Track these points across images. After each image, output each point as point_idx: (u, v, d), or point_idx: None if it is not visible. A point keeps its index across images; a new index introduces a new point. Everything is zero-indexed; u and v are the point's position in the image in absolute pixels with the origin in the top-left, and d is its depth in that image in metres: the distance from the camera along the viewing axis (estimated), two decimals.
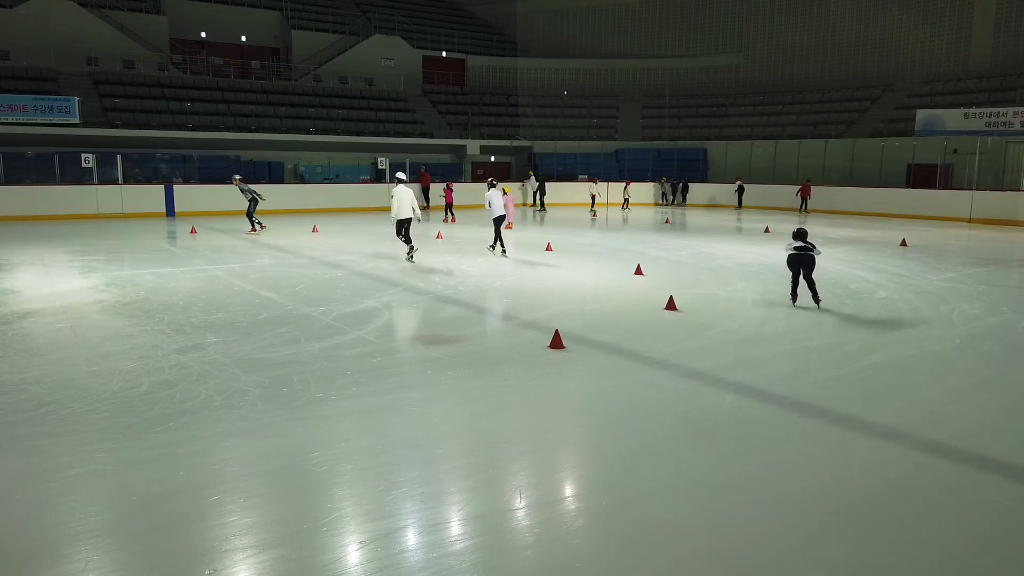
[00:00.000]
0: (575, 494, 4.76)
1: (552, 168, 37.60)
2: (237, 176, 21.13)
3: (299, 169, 32.78)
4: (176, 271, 13.47)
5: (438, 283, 12.42)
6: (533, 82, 42.49)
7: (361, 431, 5.75)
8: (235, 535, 4.14)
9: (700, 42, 42.88)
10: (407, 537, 4.16)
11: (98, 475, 4.92)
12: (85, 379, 6.90)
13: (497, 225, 16.26)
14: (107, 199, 24.90)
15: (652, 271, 13.86)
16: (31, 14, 30.63)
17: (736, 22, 41.96)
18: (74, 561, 3.85)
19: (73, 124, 27.43)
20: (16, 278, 12.56)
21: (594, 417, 6.20)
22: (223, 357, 7.68)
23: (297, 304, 10.52)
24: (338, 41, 38.88)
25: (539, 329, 9.10)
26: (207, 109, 31.92)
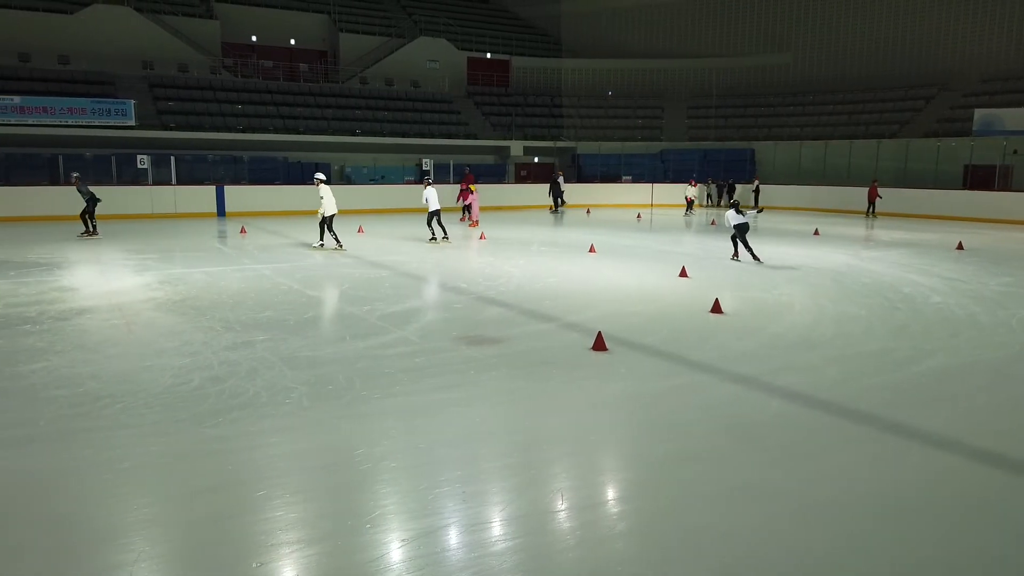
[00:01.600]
0: (617, 497, 4.72)
1: (596, 169, 37.44)
2: (75, 175, 20.50)
3: (345, 170, 33.24)
4: (226, 270, 13.78)
5: (480, 284, 12.46)
6: (577, 83, 42.38)
7: (403, 430, 5.80)
8: (281, 529, 4.22)
9: (748, 41, 42.25)
10: (449, 536, 4.18)
11: (150, 468, 5.05)
12: (139, 374, 7.10)
13: (430, 218, 18.41)
14: (161, 199, 25.61)
15: (697, 273, 13.70)
16: (90, 20, 31.68)
17: (786, 20, 41.23)
18: (128, 551, 3.96)
19: (129, 126, 28.29)
20: (74, 275, 12.99)
21: (637, 420, 6.14)
22: (271, 355, 7.83)
23: (342, 303, 10.67)
24: (384, 43, 39.34)
25: (582, 331, 9.06)
26: (257, 111, 32.60)
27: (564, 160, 38.79)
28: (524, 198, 33.02)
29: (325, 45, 39.10)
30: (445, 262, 15.09)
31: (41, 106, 27.10)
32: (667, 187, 35.27)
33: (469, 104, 38.96)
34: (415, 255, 16.29)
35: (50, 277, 12.75)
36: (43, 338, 8.47)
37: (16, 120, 26.68)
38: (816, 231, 22.25)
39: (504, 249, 17.49)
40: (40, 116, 26.98)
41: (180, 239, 19.13)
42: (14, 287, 11.73)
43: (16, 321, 9.34)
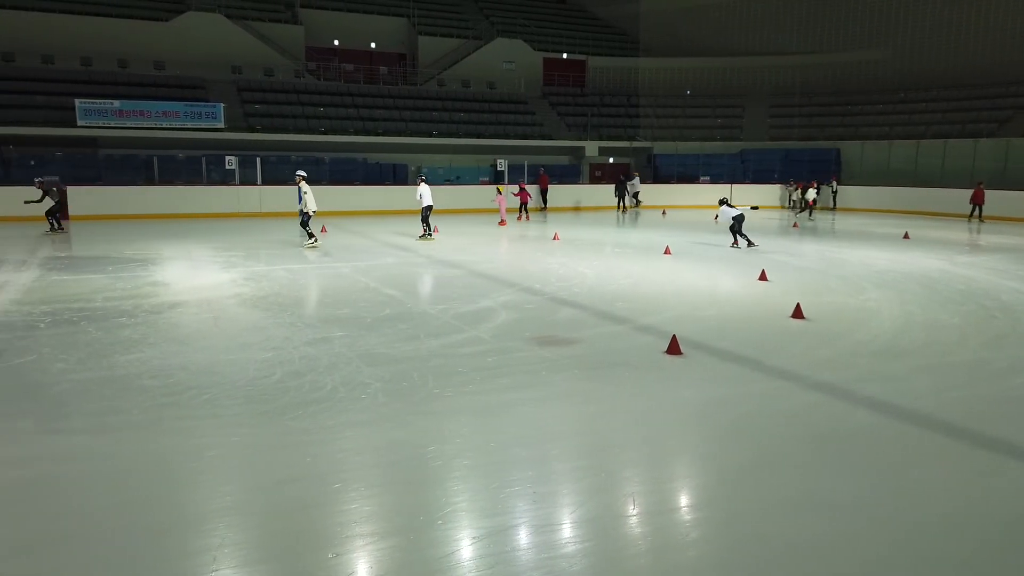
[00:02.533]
0: (690, 504, 4.63)
1: (672, 169, 36.86)
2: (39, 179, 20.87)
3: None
4: (307, 268, 14.20)
5: (553, 284, 12.44)
6: (655, 82, 41.80)
7: (475, 428, 5.85)
8: (355, 522, 4.31)
9: (835, 37, 40.74)
10: (519, 536, 4.18)
11: (233, 457, 5.25)
12: (224, 367, 7.39)
13: (425, 214, 19.35)
14: (247, 198, 26.61)
15: (777, 277, 13.31)
16: (184, 27, 33.19)
17: (875, 14, 39.57)
18: (211, 536, 4.13)
19: (218, 129, 29.52)
20: (167, 271, 13.64)
21: (712, 426, 6.01)
22: (348, 351, 8.02)
23: (417, 302, 10.84)
24: (461, 45, 39.77)
25: (655, 333, 8.93)
26: (338, 113, 33.48)
27: (640, 161, 38.34)
28: (598, 199, 32.81)
29: (404, 48, 39.83)
30: (518, 262, 15.14)
31: (138, 109, 28.57)
32: (747, 188, 34.41)
33: (544, 105, 38.97)
34: (489, 255, 16.40)
35: (144, 272, 13.42)
36: (137, 330, 8.92)
37: (115, 123, 28.21)
38: (906, 234, 21.28)
39: (578, 250, 17.41)
40: (137, 119, 28.45)
41: (264, 237, 19.84)
42: (112, 282, 12.40)
43: (113, 314, 9.87)
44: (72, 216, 24.22)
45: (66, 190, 20.68)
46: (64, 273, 13.26)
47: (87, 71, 30.90)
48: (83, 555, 3.92)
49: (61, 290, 11.58)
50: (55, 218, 20.35)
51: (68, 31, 31.24)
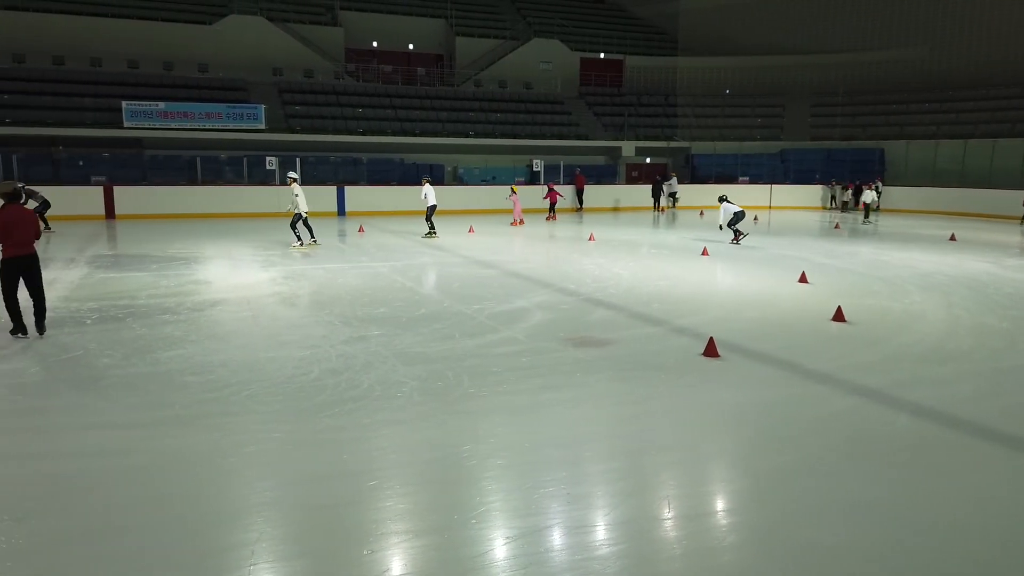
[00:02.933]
0: (727, 508, 4.58)
1: (711, 170, 36.46)
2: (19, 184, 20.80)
3: (458, 171, 33.93)
4: (345, 267, 14.37)
5: (589, 285, 12.40)
6: (693, 81, 41.39)
7: (510, 428, 5.85)
8: (390, 519, 4.35)
9: (879, 34, 39.89)
10: (553, 537, 4.17)
11: (272, 453, 5.33)
12: (263, 364, 7.51)
13: (429, 214, 19.99)
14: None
15: (818, 279, 13.08)
16: (227, 30, 33.83)
17: (920, 11, 38.65)
18: (250, 531, 4.20)
19: (259, 130, 30.02)
20: (208, 269, 13.92)
21: (749, 430, 5.93)
22: (384, 349, 8.09)
23: (452, 301, 10.89)
24: (499, 46, 39.85)
25: (692, 335, 8.84)
26: (376, 114, 33.80)
27: (678, 161, 38.00)
28: (635, 199, 32.61)
29: (442, 49, 40.06)
30: (553, 263, 15.12)
31: (182, 111, 29.20)
32: (787, 188, 33.90)
33: (581, 105, 38.86)
34: (524, 255, 16.40)
35: (187, 271, 13.71)
36: (180, 327, 9.12)
37: (160, 124, 28.88)
38: (952, 236, 20.74)
39: (613, 250, 17.32)
40: (181, 120, 29.07)
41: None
42: (156, 279, 12.69)
43: (157, 311, 10.10)
44: (118, 215, 24.85)
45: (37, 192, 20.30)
46: (110, 271, 13.61)
47: (133, 74, 31.69)
48: (128, 546, 4.02)
49: (107, 287, 11.89)
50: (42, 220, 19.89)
51: (116, 35, 32.07)
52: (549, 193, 26.81)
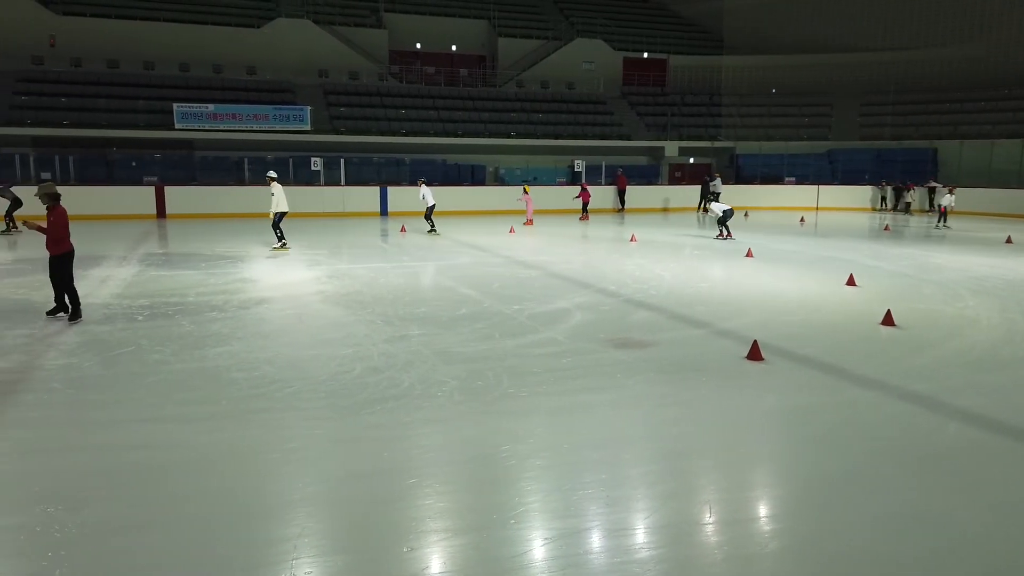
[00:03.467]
0: (770, 515, 4.50)
1: (756, 170, 35.91)
2: None
3: (499, 171, 34.01)
4: (387, 266, 14.52)
5: (630, 286, 12.31)
6: (738, 80, 40.81)
7: (549, 429, 5.84)
8: (430, 518, 4.38)
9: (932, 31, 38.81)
10: (591, 539, 4.16)
11: (314, 449, 5.41)
12: (307, 362, 7.63)
13: (428, 213, 20.84)
14: (331, 199, 27.40)
15: (866, 282, 12.78)
16: (274, 33, 34.47)
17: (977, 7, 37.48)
18: (292, 525, 4.27)
19: (305, 131, 30.52)
20: (254, 268, 14.19)
21: (794, 435, 5.82)
22: (425, 348, 8.15)
23: (493, 302, 10.92)
24: (541, 47, 39.84)
25: (735, 338, 8.72)
26: (419, 115, 34.08)
27: (722, 161, 37.51)
28: (678, 199, 32.29)
29: (484, 50, 40.20)
30: (594, 264, 15.05)
31: (231, 113, 29.84)
32: (835, 189, 33.19)
33: (623, 105, 38.62)
34: (565, 256, 16.36)
35: (235, 269, 14.00)
36: (227, 325, 9.32)
37: (209, 126, 29.55)
38: (1009, 239, 20.07)
39: (655, 251, 17.18)
40: (230, 122, 29.71)
41: (347, 237, 20.38)
42: (204, 278, 12.99)
43: (205, 308, 10.34)
44: (169, 215, 25.50)
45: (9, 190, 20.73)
46: (161, 269, 13.97)
47: (184, 76, 32.49)
48: (175, 537, 4.12)
49: (158, 285, 12.21)
50: (11, 219, 20.08)
51: (168, 38, 32.92)
52: (581, 193, 26.86)
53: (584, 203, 26.99)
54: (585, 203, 27.02)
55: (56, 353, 7.90)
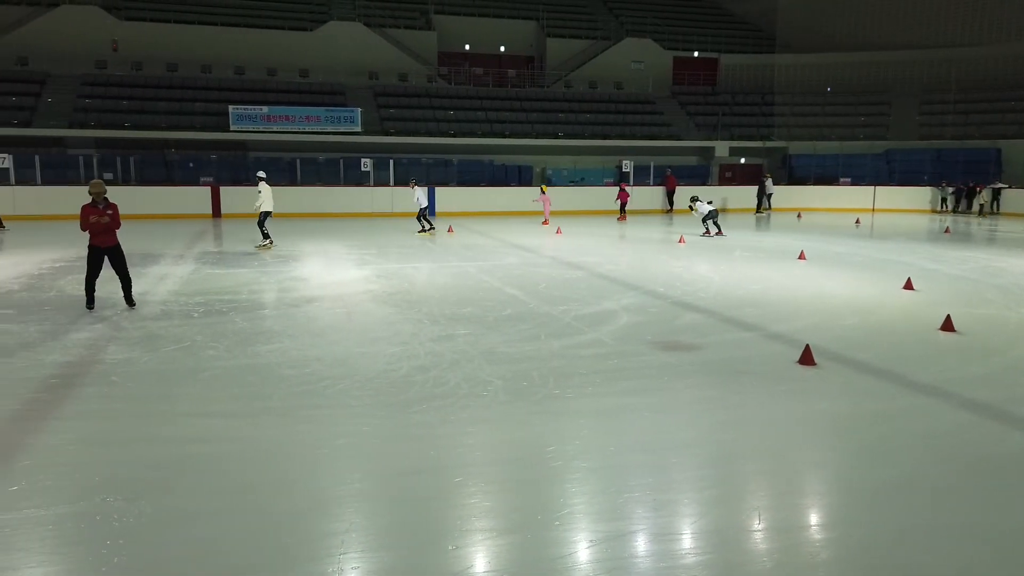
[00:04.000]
0: (821, 523, 4.39)
1: (809, 170, 35.14)
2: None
3: (546, 172, 33.98)
4: (434, 266, 14.63)
5: (678, 288, 12.17)
6: (792, 79, 39.98)
7: (595, 431, 5.81)
8: (475, 516, 4.39)
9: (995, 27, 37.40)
10: (637, 542, 4.12)
11: (362, 446, 5.48)
12: (356, 360, 7.73)
13: (420, 214, 20.86)
14: (380, 199, 27.76)
15: (925, 285, 12.39)
16: (326, 36, 35.08)
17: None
18: (340, 521, 4.33)
19: (355, 132, 30.98)
20: (305, 267, 14.46)
21: (847, 442, 5.67)
22: (471, 348, 8.18)
23: (539, 302, 10.91)
24: (589, 47, 39.69)
25: (787, 342, 8.54)
26: (467, 116, 34.28)
27: (774, 161, 36.81)
28: (727, 200, 31.80)
29: (532, 51, 40.23)
30: (641, 265, 14.92)
31: (284, 115, 30.48)
32: (892, 190, 32.26)
33: (673, 104, 38.21)
34: (611, 257, 16.26)
35: (286, 268, 14.28)
36: (279, 322, 9.51)
37: (263, 128, 30.23)
38: None
39: (703, 252, 16.94)
40: (283, 124, 30.35)
41: (395, 236, 20.60)
42: (257, 276, 13.28)
43: (257, 306, 10.57)
44: (223, 214, 26.15)
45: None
46: (216, 267, 14.34)
47: (240, 79, 33.29)
48: (227, 528, 4.22)
49: (213, 283, 12.53)
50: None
51: (224, 42, 33.79)
52: (620, 194, 26.83)
53: (622, 203, 26.88)
54: (623, 203, 26.92)
55: (116, 348, 8.17)
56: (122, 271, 10.22)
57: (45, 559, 3.90)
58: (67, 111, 29.57)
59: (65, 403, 6.36)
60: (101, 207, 9.87)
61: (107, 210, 9.90)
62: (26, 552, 3.95)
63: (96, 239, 9.94)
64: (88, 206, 9.85)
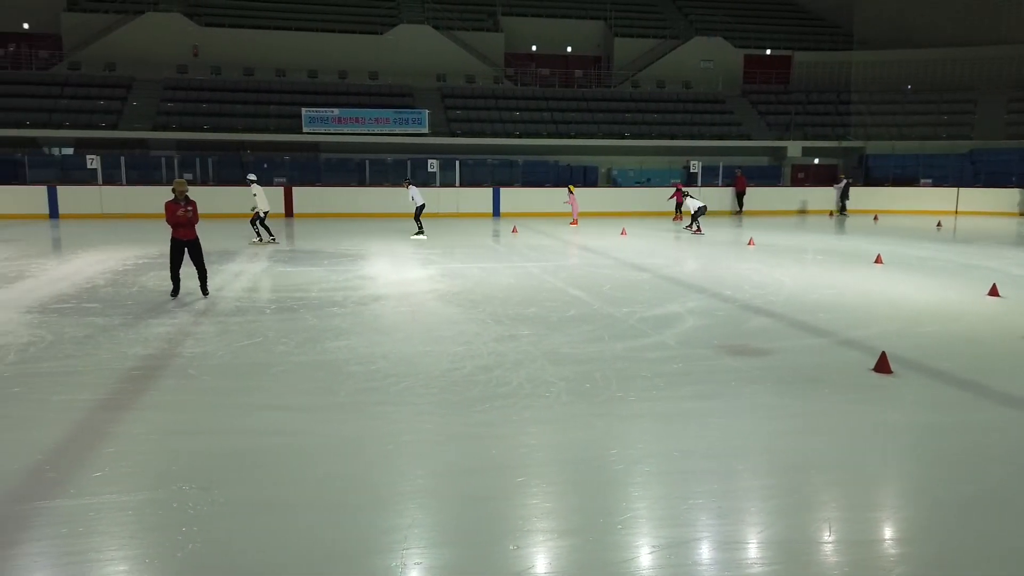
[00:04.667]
0: (895, 538, 4.22)
1: (887, 171, 33.86)
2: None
3: (612, 173, 33.74)
4: (498, 266, 14.70)
5: (746, 291, 11.90)
6: (869, 77, 38.59)
7: (658, 435, 5.73)
8: (536, 517, 4.39)
9: None
10: (701, 550, 4.04)
11: (425, 443, 5.55)
12: (420, 358, 7.84)
13: (418, 214, 20.63)
14: (446, 199, 28.05)
15: (1012, 292, 11.78)
16: (396, 39, 35.69)
17: None
18: (403, 516, 4.39)
19: (423, 134, 31.41)
20: (372, 266, 14.73)
21: (925, 454, 5.44)
22: (534, 348, 8.19)
23: (602, 304, 10.83)
24: (657, 46, 39.22)
25: (861, 349, 8.25)
26: (532, 117, 34.33)
27: (849, 161, 35.62)
28: (800, 202, 30.93)
29: (600, 51, 40.00)
30: (709, 267, 14.65)
31: (354, 117, 31.14)
32: (977, 192, 30.79)
33: (743, 104, 37.40)
34: (677, 259, 16.02)
35: (354, 267, 14.59)
36: (346, 320, 9.72)
37: (334, 130, 30.96)
38: None
39: (774, 255, 16.51)
40: (353, 126, 31.02)
41: (460, 236, 20.80)
42: (326, 274, 13.61)
43: (327, 304, 10.82)
44: (296, 214, 26.89)
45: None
46: (287, 265, 14.75)
47: (312, 82, 34.19)
48: (294, 520, 4.33)
49: (284, 280, 12.90)
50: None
51: (299, 46, 34.77)
52: (675, 194, 26.40)
53: (678, 203, 26.41)
54: (679, 204, 26.44)
55: (193, 342, 8.50)
56: (199, 263, 11.09)
57: (125, 543, 4.08)
58: (151, 114, 30.94)
59: (146, 394, 6.65)
60: (183, 204, 10.74)
61: (188, 207, 10.80)
62: (108, 536, 4.14)
63: (177, 232, 10.84)
64: (171, 202, 10.78)
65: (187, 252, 10.93)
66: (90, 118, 30.00)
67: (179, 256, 10.95)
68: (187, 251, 10.93)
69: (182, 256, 10.96)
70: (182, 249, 10.93)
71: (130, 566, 3.84)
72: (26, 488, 4.67)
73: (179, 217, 10.72)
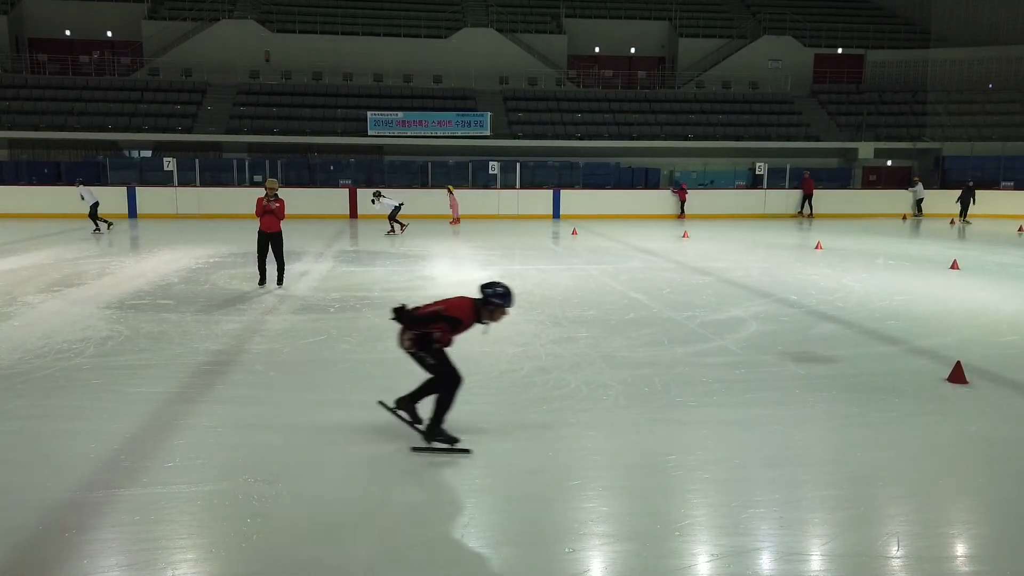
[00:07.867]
0: (968, 555, 4.04)
1: (965, 173, 32.44)
2: (79, 179, 21.91)
3: (675, 175, 33.30)
4: (557, 268, 14.68)
5: (813, 297, 11.57)
6: (947, 75, 37.06)
7: (718, 441, 5.62)
8: (592, 520, 4.37)
9: None
10: (761, 560, 3.95)
11: (484, 443, 5.57)
12: (479, 359, 7.88)
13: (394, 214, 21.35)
14: (506, 202, 28.17)
15: None
16: (460, 42, 36.05)
17: None
18: (463, 515, 4.44)
19: (484, 136, 31.63)
20: (433, 266, 14.90)
21: (1000, 469, 5.19)
22: (592, 351, 8.15)
23: (663, 307, 10.70)
24: (724, 46, 38.55)
25: (935, 358, 7.93)
26: (594, 119, 34.18)
27: (925, 163, 34.27)
28: (871, 205, 29.91)
29: (664, 51, 39.56)
30: (774, 272, 14.30)
31: (418, 120, 31.60)
32: None
33: (812, 104, 36.42)
34: (741, 262, 15.70)
35: (416, 267, 14.79)
36: None
37: (398, 132, 31.48)
38: None
39: (843, 260, 16.01)
40: (417, 129, 31.47)
41: (520, 238, 20.85)
42: (388, 274, 13.83)
43: (388, 303, 10.90)
44: (360, 215, 27.40)
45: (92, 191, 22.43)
46: (351, 265, 15.06)
47: (378, 86, 34.83)
48: (356, 513, 4.42)
49: (348, 280, 13.17)
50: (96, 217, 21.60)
51: (365, 51, 35.48)
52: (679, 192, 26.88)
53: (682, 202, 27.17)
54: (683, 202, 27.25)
55: (260, 339, 8.75)
56: (278, 255, 12.04)
57: (193, 532, 4.24)
58: (224, 118, 32.04)
59: (215, 388, 6.89)
60: (271, 200, 11.81)
61: (274, 203, 11.82)
62: (177, 524, 4.31)
63: (263, 224, 11.85)
64: (262, 198, 11.87)
65: (270, 246, 11.88)
66: (167, 122, 31.27)
67: (264, 248, 11.94)
68: (270, 245, 11.87)
69: (267, 249, 11.92)
70: (266, 242, 11.88)
71: (197, 555, 3.99)
72: (101, 476, 4.90)
73: (264, 207, 11.76)
